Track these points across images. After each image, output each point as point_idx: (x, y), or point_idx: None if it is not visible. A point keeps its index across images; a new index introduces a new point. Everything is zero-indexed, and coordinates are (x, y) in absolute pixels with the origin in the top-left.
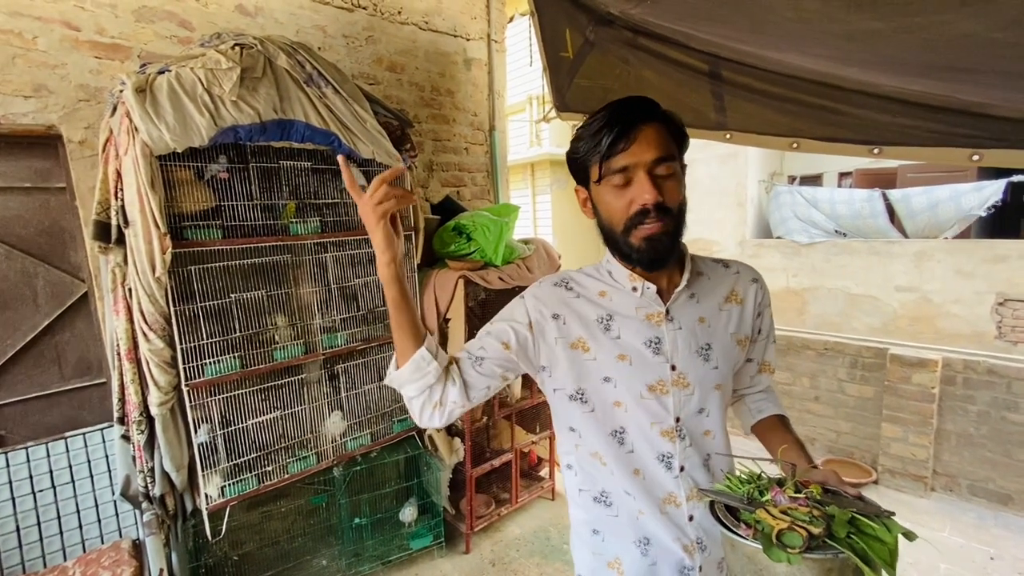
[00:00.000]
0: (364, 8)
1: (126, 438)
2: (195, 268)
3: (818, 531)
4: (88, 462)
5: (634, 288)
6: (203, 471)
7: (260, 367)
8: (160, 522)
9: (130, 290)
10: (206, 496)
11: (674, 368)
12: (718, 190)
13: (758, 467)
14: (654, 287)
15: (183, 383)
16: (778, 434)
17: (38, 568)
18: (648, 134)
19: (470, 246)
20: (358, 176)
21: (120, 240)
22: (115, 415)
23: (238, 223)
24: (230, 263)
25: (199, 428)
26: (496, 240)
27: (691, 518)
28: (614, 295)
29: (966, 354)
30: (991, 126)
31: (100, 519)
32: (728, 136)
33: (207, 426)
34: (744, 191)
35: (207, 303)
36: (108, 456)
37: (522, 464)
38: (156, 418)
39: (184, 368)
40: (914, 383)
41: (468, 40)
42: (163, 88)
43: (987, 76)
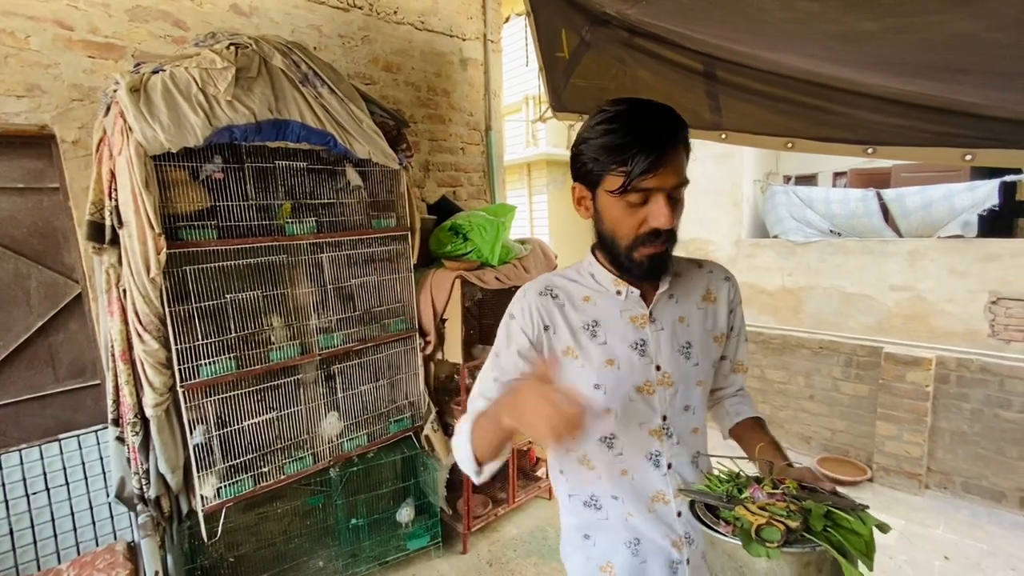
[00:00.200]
0: (360, 8)
1: (121, 440)
2: (190, 269)
3: (795, 525)
4: (82, 464)
5: (618, 292)
6: (199, 472)
7: (256, 368)
8: (155, 524)
9: (124, 291)
10: (202, 498)
11: (659, 368)
12: (714, 190)
13: (736, 466)
14: (637, 291)
15: (178, 384)
16: (755, 435)
17: (32, 571)
18: (675, 159)
19: (466, 246)
20: (353, 177)
21: (114, 241)
22: (109, 417)
23: (233, 223)
24: (225, 264)
25: (195, 429)
26: (492, 240)
27: (679, 514)
28: (598, 299)
29: (959, 352)
30: (983, 126)
31: (95, 521)
32: (723, 136)
33: (203, 427)
34: (740, 191)
35: (202, 304)
36: (103, 458)
37: (521, 463)
38: (151, 420)
39: (179, 369)
40: (908, 381)
41: (464, 40)
42: (157, 88)
43: (980, 76)
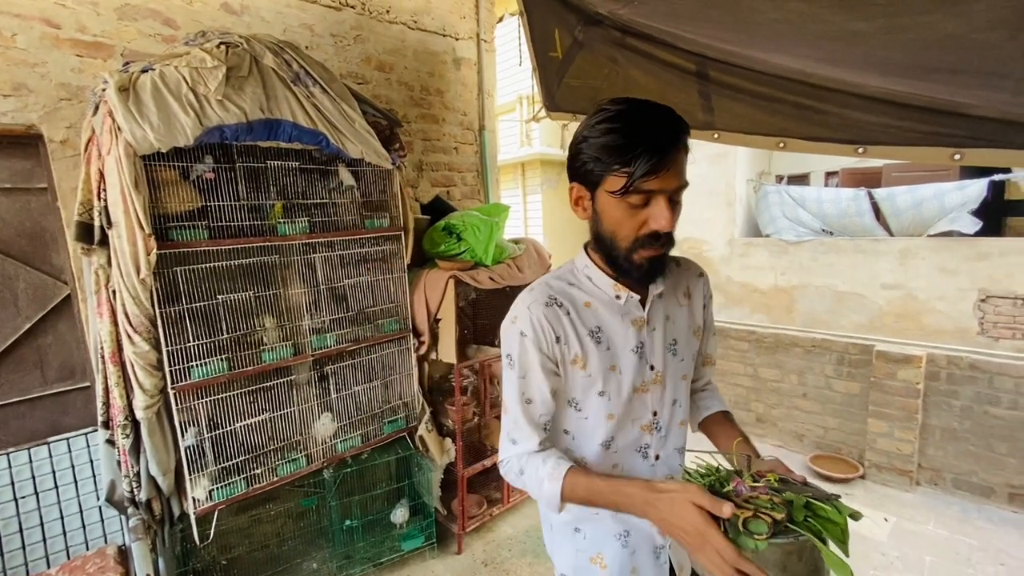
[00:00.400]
0: (352, 7)
1: (111, 442)
2: (181, 269)
3: (780, 517)
4: (72, 467)
5: (617, 296)
6: (190, 475)
7: (248, 369)
8: (146, 527)
9: (114, 292)
10: (193, 500)
11: (652, 368)
12: (707, 190)
13: (716, 460)
14: (638, 296)
15: (169, 386)
16: (726, 429)
17: None
18: (677, 161)
19: (460, 246)
20: (346, 177)
21: (103, 241)
22: (99, 419)
23: (225, 224)
24: (217, 264)
25: (186, 431)
26: (486, 240)
27: None
28: (597, 305)
29: (949, 350)
30: (972, 126)
31: (85, 525)
32: (716, 136)
33: (194, 429)
34: (733, 191)
35: (193, 305)
36: (92, 461)
37: None
38: (142, 422)
39: (170, 371)
40: (899, 379)
41: (457, 39)
42: (147, 87)
43: (968, 76)
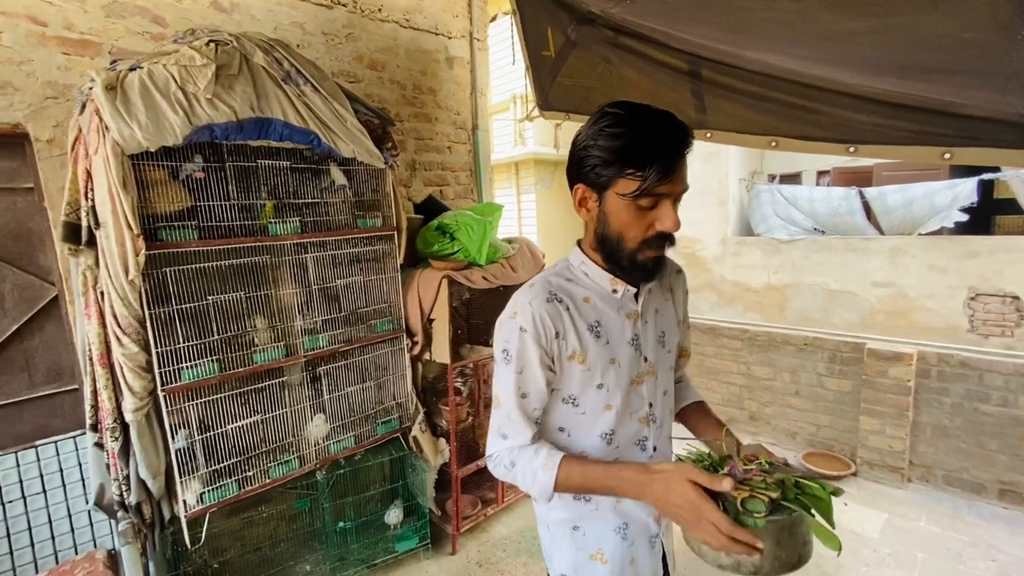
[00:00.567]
0: (343, 5)
1: (99, 446)
2: (170, 270)
3: (776, 495)
4: (60, 471)
5: (614, 290)
6: (181, 478)
7: (239, 370)
8: (136, 531)
9: (102, 293)
10: (184, 503)
11: (646, 360)
12: (700, 189)
13: (709, 447)
14: (634, 289)
15: (159, 388)
16: (705, 417)
17: None
18: (683, 166)
19: (453, 246)
20: (338, 176)
21: (91, 242)
22: (88, 422)
23: (215, 223)
24: (207, 265)
25: (176, 434)
26: (480, 239)
27: None
28: (595, 299)
29: (940, 348)
30: (961, 125)
31: (73, 529)
32: (708, 135)
33: (185, 431)
34: (726, 190)
35: (183, 306)
36: (81, 464)
37: None
38: (131, 424)
39: (160, 373)
40: (890, 376)
41: (450, 38)
42: (134, 85)
43: (958, 76)
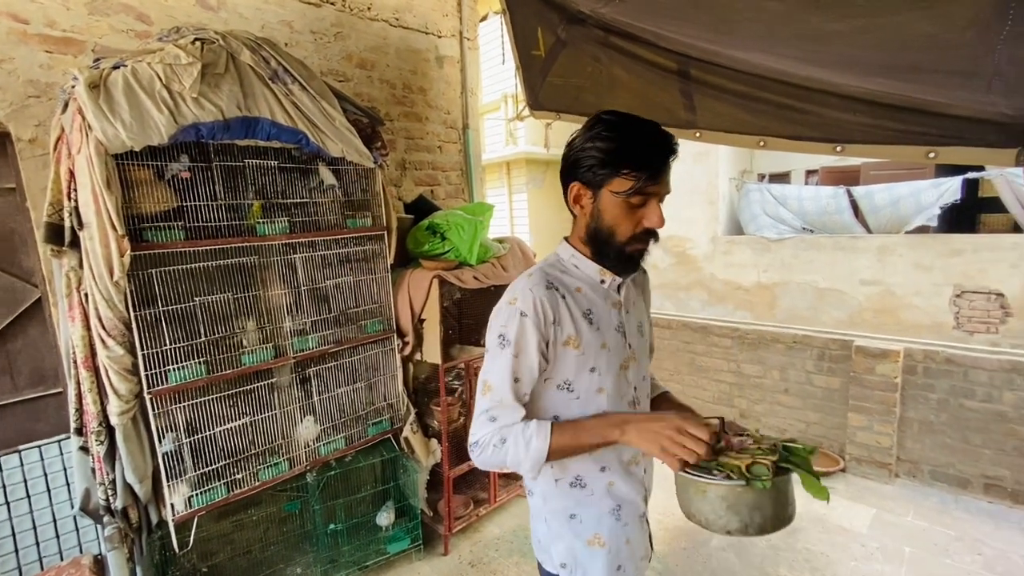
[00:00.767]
0: (332, 3)
1: (85, 450)
2: (156, 271)
3: (775, 459)
4: (45, 476)
5: (602, 281)
6: (168, 481)
7: (228, 372)
8: (123, 536)
9: (86, 295)
10: (172, 507)
11: (630, 346)
12: (691, 188)
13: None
14: (620, 279)
15: (145, 391)
16: (674, 405)
17: None
18: (669, 169)
19: (444, 245)
20: (327, 176)
21: (74, 243)
22: (72, 426)
23: (202, 224)
24: (194, 265)
25: (164, 437)
26: (471, 239)
27: (644, 470)
28: (586, 289)
29: (926, 344)
30: (945, 124)
31: (59, 535)
32: (698, 135)
33: (172, 435)
34: (716, 189)
35: (170, 307)
36: (66, 469)
37: None
38: (116, 428)
39: (146, 375)
40: (878, 373)
41: (440, 37)
42: (118, 84)
43: (941, 76)
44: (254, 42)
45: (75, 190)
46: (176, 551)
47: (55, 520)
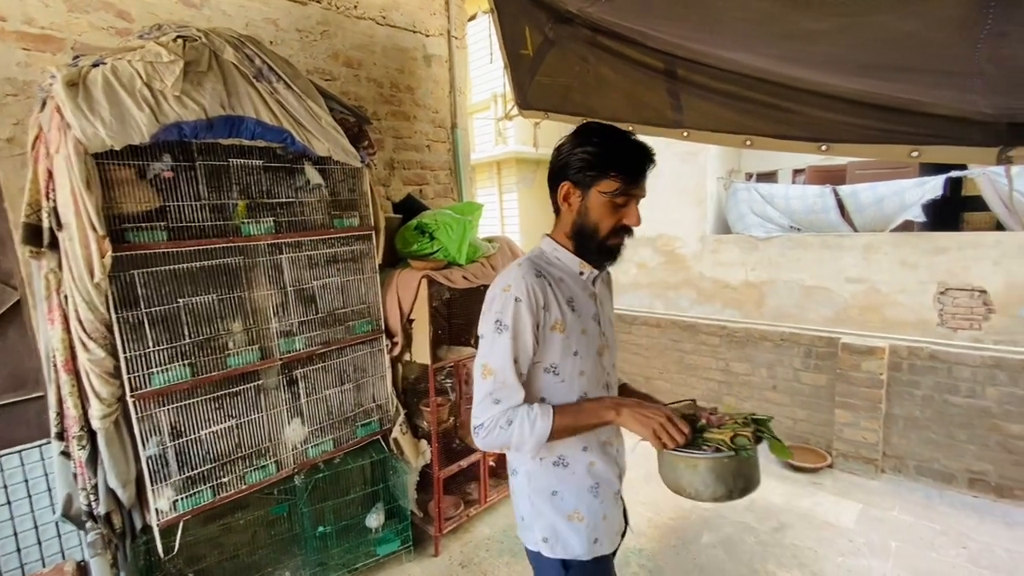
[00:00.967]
0: (318, 1)
1: (66, 454)
2: (138, 272)
3: (752, 430)
4: (25, 481)
5: (581, 272)
6: (153, 485)
7: (213, 374)
8: (106, 542)
9: (66, 297)
10: (156, 511)
11: (603, 335)
12: (679, 188)
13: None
14: (597, 272)
15: (128, 394)
16: (636, 393)
17: None
18: (646, 175)
19: (433, 245)
20: (313, 175)
21: (54, 244)
22: (53, 431)
23: (185, 224)
24: (177, 267)
25: (147, 441)
26: (460, 239)
27: (617, 450)
28: (567, 279)
29: (911, 341)
30: (928, 123)
31: (40, 541)
32: (685, 134)
33: (156, 438)
34: (704, 188)
35: (153, 309)
36: (47, 474)
37: (493, 460)
38: (98, 432)
39: (129, 378)
40: (863, 370)
41: (428, 36)
42: (97, 82)
43: (923, 75)
44: (238, 40)
45: (54, 190)
46: (161, 556)
47: (36, 526)
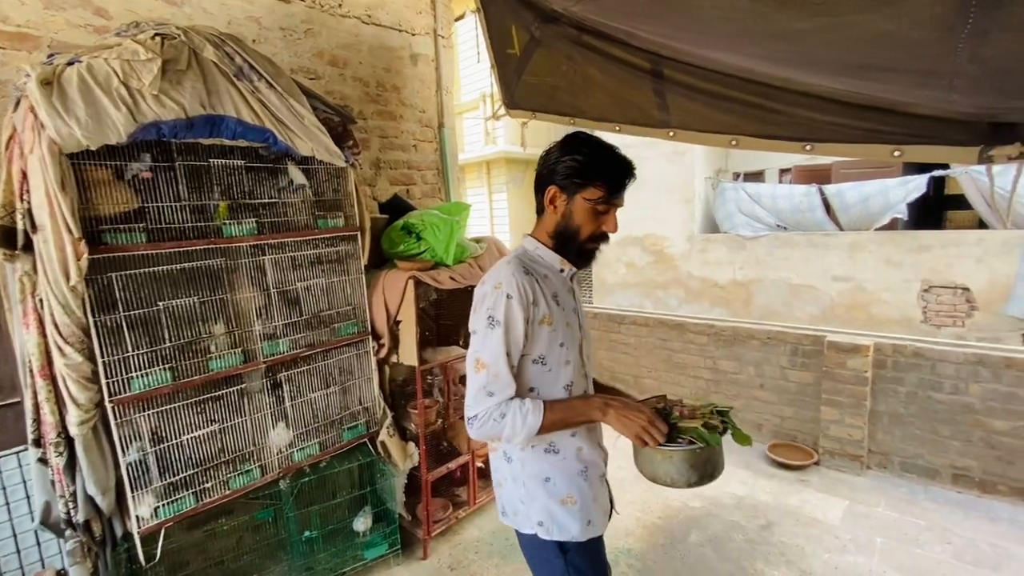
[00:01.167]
0: (302, 0)
1: (43, 461)
2: (116, 275)
3: (719, 420)
4: (3, 488)
5: (561, 270)
6: (133, 492)
7: (194, 378)
8: (86, 550)
9: (41, 300)
10: (137, 519)
11: (581, 327)
12: (667, 187)
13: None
14: (576, 270)
15: (106, 399)
16: (607, 388)
17: None
18: (626, 187)
19: (420, 246)
20: (296, 175)
21: (28, 247)
22: (30, 437)
23: (165, 226)
24: (157, 269)
25: (128, 446)
26: (447, 239)
27: (600, 435)
28: (550, 276)
29: (895, 339)
30: (910, 123)
31: (19, 550)
32: (671, 134)
33: (137, 444)
34: (691, 188)
35: (132, 312)
36: (25, 482)
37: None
38: (76, 438)
39: (107, 383)
40: (849, 368)
41: (414, 35)
42: (73, 80)
43: (905, 75)
44: (218, 38)
45: (28, 191)
46: (143, 564)
47: (15, 534)
